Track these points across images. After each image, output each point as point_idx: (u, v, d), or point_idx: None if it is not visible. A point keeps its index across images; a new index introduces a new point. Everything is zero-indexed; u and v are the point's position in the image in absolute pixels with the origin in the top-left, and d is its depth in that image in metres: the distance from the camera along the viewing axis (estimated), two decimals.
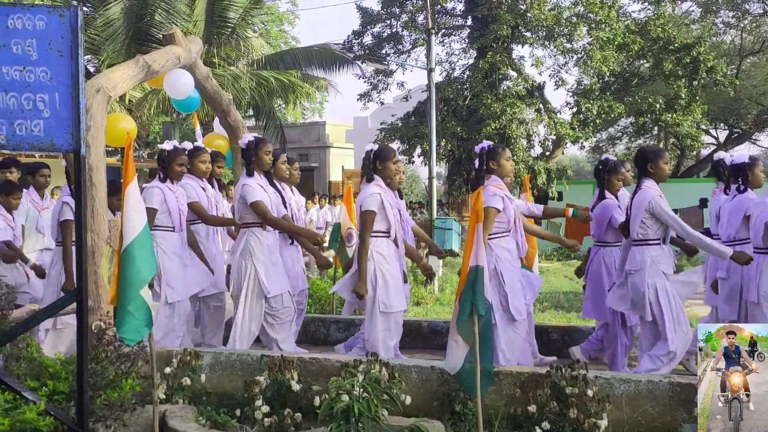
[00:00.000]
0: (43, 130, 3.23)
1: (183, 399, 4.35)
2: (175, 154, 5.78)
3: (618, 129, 26.80)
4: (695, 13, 26.14)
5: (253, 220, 5.54)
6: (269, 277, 5.51)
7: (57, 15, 3.20)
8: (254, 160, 5.64)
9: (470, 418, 4.12)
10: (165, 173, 5.77)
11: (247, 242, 5.55)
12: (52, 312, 3.73)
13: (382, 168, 5.51)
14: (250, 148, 5.65)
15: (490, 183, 5.35)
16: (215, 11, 17.18)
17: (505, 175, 5.47)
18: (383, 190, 5.46)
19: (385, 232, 5.43)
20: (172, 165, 5.76)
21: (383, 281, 5.33)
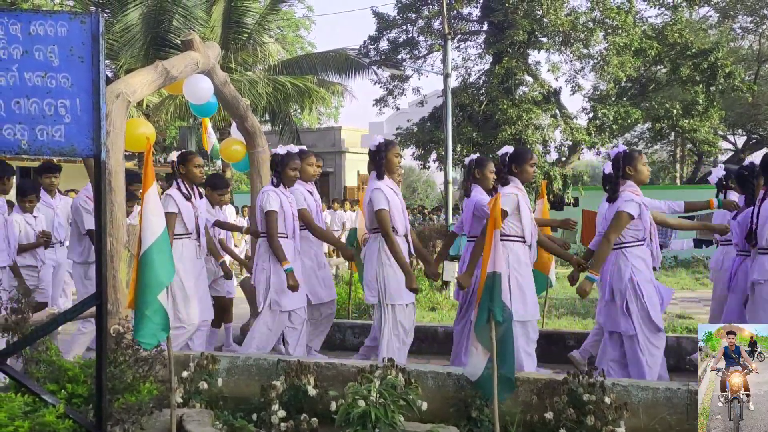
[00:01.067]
0: (64, 135, 3.26)
1: (200, 403, 4.37)
2: (289, 159, 5.69)
3: (634, 135, 26.68)
4: (713, 18, 25.98)
5: None
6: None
7: (78, 21, 3.22)
8: (384, 163, 5.43)
9: (486, 424, 4.11)
10: (278, 178, 5.69)
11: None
12: (72, 315, 3.76)
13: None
14: (380, 150, 5.44)
15: (626, 188, 5.13)
16: (232, 17, 17.29)
17: (642, 180, 5.19)
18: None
19: None
20: (286, 170, 5.67)
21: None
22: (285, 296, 5.57)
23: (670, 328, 7.62)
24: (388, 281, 5.30)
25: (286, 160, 5.69)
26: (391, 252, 5.23)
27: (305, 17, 35.81)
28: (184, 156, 5.84)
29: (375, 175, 5.42)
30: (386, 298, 5.32)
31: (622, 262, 5.04)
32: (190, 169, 5.72)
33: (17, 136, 3.25)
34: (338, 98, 28.36)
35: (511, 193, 5.12)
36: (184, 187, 5.70)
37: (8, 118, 3.24)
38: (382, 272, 5.32)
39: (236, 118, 7.28)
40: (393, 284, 5.30)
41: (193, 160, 5.76)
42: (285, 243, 5.59)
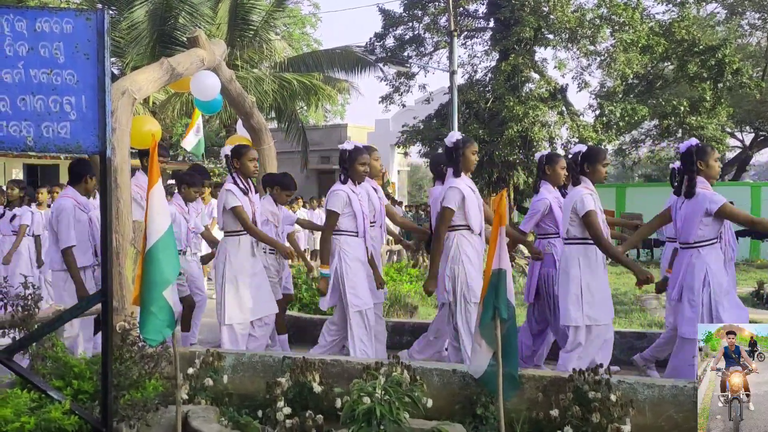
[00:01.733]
0: (69, 132, 3.27)
1: (205, 400, 4.37)
2: (357, 154, 5.54)
3: (641, 132, 26.56)
4: (720, 15, 25.88)
5: (461, 223, 5.27)
6: None
7: (84, 18, 3.23)
8: (462, 161, 5.27)
9: (492, 421, 4.10)
10: (346, 174, 5.55)
11: None
12: (78, 312, 3.77)
13: None
14: (458, 147, 5.28)
15: (699, 184, 4.86)
16: (238, 14, 17.30)
17: (713, 176, 4.91)
18: None
19: None
20: (355, 165, 5.53)
21: None
22: (361, 293, 5.49)
23: None
24: (467, 278, 5.19)
25: (354, 155, 5.54)
26: (433, 253, 5.23)
27: (311, 14, 35.85)
28: (239, 150, 5.72)
29: (452, 172, 5.28)
30: (466, 296, 5.19)
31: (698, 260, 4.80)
32: (244, 163, 5.64)
33: (23, 133, 3.26)
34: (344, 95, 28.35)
35: (588, 194, 5.04)
36: (240, 182, 5.63)
37: (14, 115, 3.24)
38: (459, 270, 5.20)
39: (242, 116, 7.29)
40: (472, 282, 5.18)
41: (248, 153, 5.67)
42: (356, 242, 5.50)
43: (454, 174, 5.26)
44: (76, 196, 5.74)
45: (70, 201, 5.66)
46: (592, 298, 4.97)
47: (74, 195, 5.74)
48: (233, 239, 5.64)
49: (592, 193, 5.08)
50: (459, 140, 5.28)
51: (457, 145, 5.25)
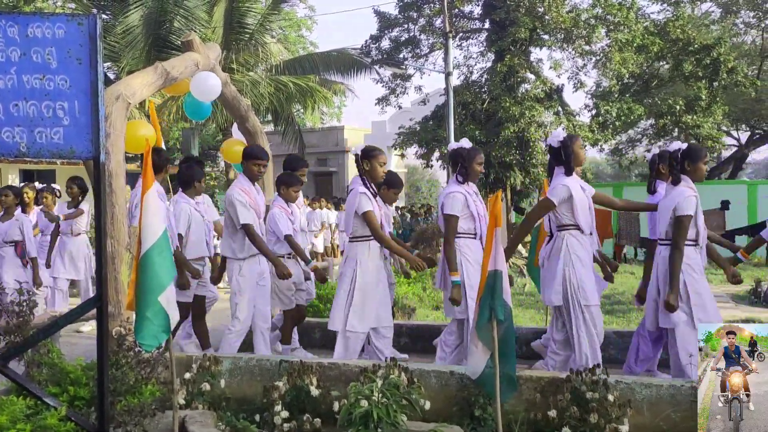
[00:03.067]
0: (62, 137, 3.26)
1: (202, 404, 4.36)
2: (475, 153, 5.36)
3: (638, 131, 26.60)
4: (715, 14, 25.92)
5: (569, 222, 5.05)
6: None
7: (76, 23, 3.22)
8: (572, 158, 5.06)
9: (490, 423, 4.10)
10: (464, 174, 5.35)
11: None
12: (73, 318, 3.75)
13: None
14: (566, 145, 5.06)
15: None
16: (234, 17, 17.28)
17: None
18: None
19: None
20: (473, 164, 5.33)
21: None
22: None
23: None
24: (581, 281, 4.96)
25: (472, 154, 5.34)
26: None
27: (307, 17, 35.86)
28: (369, 152, 5.52)
29: (563, 170, 5.06)
30: (580, 299, 4.95)
31: None
32: (374, 166, 5.46)
33: (16, 139, 3.25)
34: (341, 98, 28.34)
35: (692, 195, 4.91)
36: (369, 186, 5.46)
37: (7, 121, 3.24)
38: (571, 272, 4.97)
39: (237, 119, 7.28)
40: (586, 284, 4.96)
41: (379, 156, 5.48)
42: (473, 244, 5.32)
43: (566, 172, 5.04)
44: (189, 202, 5.93)
45: (187, 205, 5.92)
46: (700, 299, 4.86)
47: (187, 201, 5.94)
48: (363, 244, 5.43)
49: (696, 195, 4.93)
50: (566, 138, 5.08)
51: (565, 143, 5.04)
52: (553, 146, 5.11)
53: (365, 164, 5.48)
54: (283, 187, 6.25)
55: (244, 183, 5.78)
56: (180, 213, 5.92)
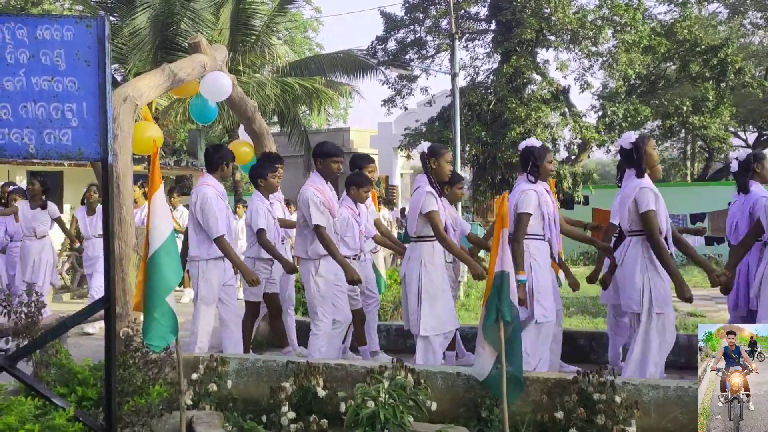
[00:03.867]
0: (71, 139, 3.27)
1: (210, 405, 4.37)
2: (545, 152, 5.26)
3: (645, 132, 26.54)
4: (722, 15, 25.87)
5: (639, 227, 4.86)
6: None
7: (84, 25, 3.24)
8: (646, 159, 4.89)
9: (496, 424, 4.09)
10: (536, 174, 5.20)
11: None
12: (81, 319, 3.77)
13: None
14: (638, 147, 4.90)
15: None
16: (240, 19, 17.30)
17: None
18: None
19: None
20: (544, 163, 5.22)
21: None
22: (547, 304, 5.11)
23: (681, 326, 7.58)
24: (655, 288, 4.79)
25: (543, 153, 5.21)
26: (659, 257, 4.74)
27: (313, 18, 35.91)
28: (436, 150, 5.42)
29: (635, 173, 4.89)
30: (654, 306, 4.77)
31: None
32: (441, 164, 5.36)
33: (25, 141, 3.27)
34: (347, 99, 28.37)
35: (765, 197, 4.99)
36: (435, 184, 5.34)
37: (16, 123, 3.25)
38: (648, 278, 4.79)
39: (244, 120, 7.30)
40: (661, 291, 4.80)
41: (445, 155, 5.38)
42: (542, 246, 5.18)
43: (638, 174, 4.87)
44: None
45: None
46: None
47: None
48: (427, 245, 5.30)
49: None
50: (638, 139, 4.92)
51: (637, 144, 4.89)
52: (625, 148, 4.96)
53: (432, 162, 5.35)
54: (353, 188, 6.11)
55: (317, 182, 5.65)
56: (257, 210, 5.97)
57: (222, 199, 5.60)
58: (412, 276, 5.32)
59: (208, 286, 5.53)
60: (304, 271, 5.64)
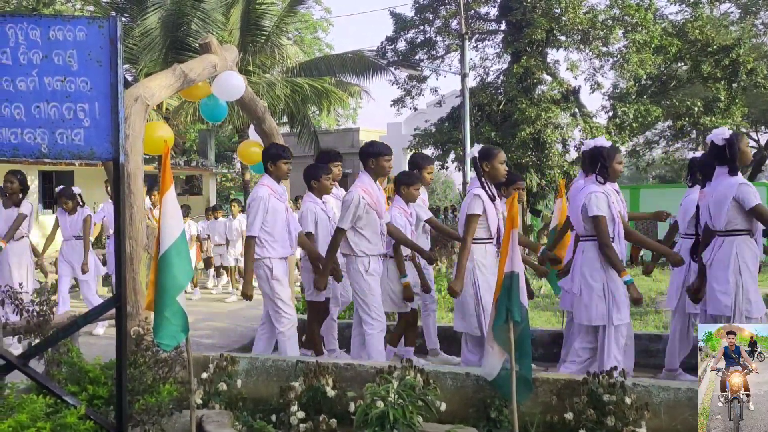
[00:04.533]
0: (83, 138, 3.29)
1: (219, 404, 4.39)
2: (615, 152, 5.10)
3: (655, 133, 26.45)
4: (734, 15, 25.71)
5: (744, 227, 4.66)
6: None
7: (96, 26, 3.26)
8: (739, 157, 4.71)
9: (506, 425, 4.09)
10: (605, 174, 5.03)
11: None
12: (92, 317, 3.79)
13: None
14: (732, 143, 4.69)
15: None
16: (250, 19, 17.37)
17: None
18: None
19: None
20: (613, 164, 5.08)
21: None
22: (624, 307, 4.89)
23: None
24: (748, 291, 4.61)
25: (612, 153, 5.06)
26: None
27: (323, 19, 35.97)
28: (489, 152, 5.32)
29: (727, 170, 4.70)
30: (745, 311, 4.61)
31: None
32: (495, 166, 5.28)
33: (37, 140, 3.29)
34: (356, 99, 28.40)
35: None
36: (488, 188, 5.28)
37: (28, 123, 3.27)
38: (740, 282, 4.62)
39: (254, 120, 7.31)
40: (753, 294, 4.64)
41: (498, 156, 5.29)
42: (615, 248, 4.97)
43: (731, 172, 4.68)
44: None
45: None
46: None
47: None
48: (479, 247, 5.24)
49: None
50: (732, 135, 4.74)
51: (731, 141, 4.69)
52: (717, 144, 4.76)
53: (484, 165, 5.29)
54: (403, 187, 6.05)
55: (366, 182, 5.65)
56: (307, 212, 5.96)
57: (278, 199, 5.61)
58: (466, 278, 5.21)
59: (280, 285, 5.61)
60: (352, 269, 5.64)
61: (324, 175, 6.08)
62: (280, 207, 5.62)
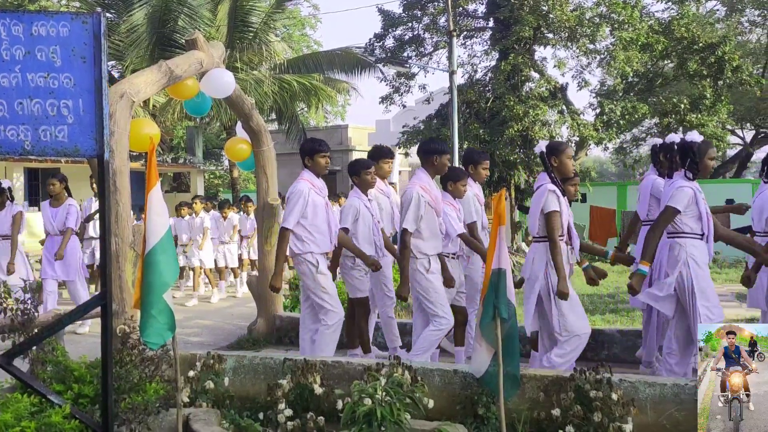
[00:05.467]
0: (67, 135, 3.26)
1: (206, 403, 4.37)
2: (707, 147, 4.95)
3: (642, 130, 26.55)
4: (720, 12, 25.86)
5: None
6: None
7: (80, 22, 3.23)
8: None
9: (493, 421, 4.10)
10: (694, 170, 4.90)
11: None
12: (77, 316, 3.76)
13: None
14: None
15: None
16: (238, 16, 17.28)
17: None
18: None
19: None
20: (704, 159, 4.89)
21: None
22: (712, 303, 4.82)
23: None
24: None
25: (705, 148, 4.90)
26: None
27: (311, 15, 35.89)
28: (555, 147, 5.23)
29: None
30: None
31: None
32: (563, 161, 5.18)
33: (21, 137, 3.26)
34: (345, 96, 28.36)
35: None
36: (558, 183, 5.15)
37: (11, 119, 3.24)
38: None
39: (241, 117, 7.29)
40: None
41: (566, 150, 5.22)
42: (700, 245, 4.89)
43: None
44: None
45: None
46: None
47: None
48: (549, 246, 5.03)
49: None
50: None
51: None
52: None
53: (553, 160, 5.16)
54: (450, 183, 5.99)
55: (424, 180, 5.58)
56: (349, 207, 5.94)
57: (318, 194, 5.56)
58: (538, 277, 5.07)
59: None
60: (412, 269, 5.54)
61: (364, 171, 5.97)
62: (321, 202, 5.56)
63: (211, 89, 6.43)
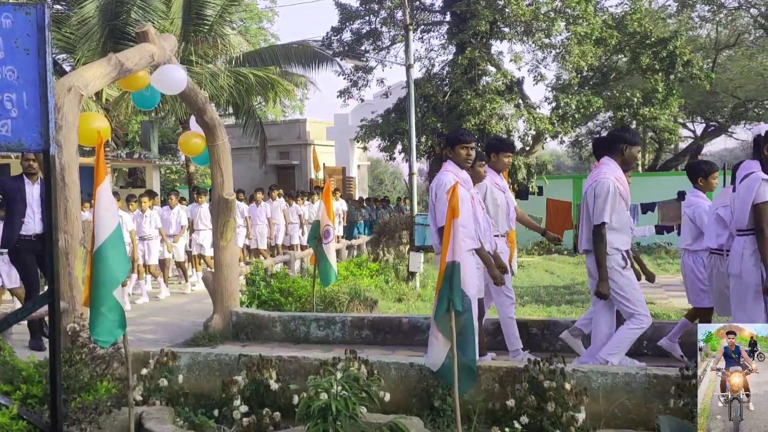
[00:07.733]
0: (10, 129, 3.18)
1: (160, 400, 4.32)
2: None
3: (597, 123, 26.95)
4: (671, 8, 26.33)
5: None
6: None
7: (23, 13, 3.14)
8: None
9: (449, 413, 4.13)
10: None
11: None
12: (24, 315, 3.68)
13: None
14: None
15: None
16: (192, 9, 17.03)
17: None
18: None
19: None
20: None
21: None
22: None
23: None
24: None
25: None
26: None
27: (268, 9, 35.55)
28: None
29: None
30: None
31: None
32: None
33: None
34: (303, 90, 28.18)
35: None
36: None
37: None
38: None
39: (195, 111, 7.19)
40: None
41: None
42: None
43: None
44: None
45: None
46: None
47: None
48: (750, 238, 4.60)
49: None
50: None
51: None
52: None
53: (766, 149, 4.63)
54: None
55: (615, 170, 5.19)
56: None
57: (463, 186, 5.11)
58: (750, 273, 4.58)
59: None
60: (606, 267, 5.11)
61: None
62: (466, 195, 5.14)
63: (163, 85, 6.32)
